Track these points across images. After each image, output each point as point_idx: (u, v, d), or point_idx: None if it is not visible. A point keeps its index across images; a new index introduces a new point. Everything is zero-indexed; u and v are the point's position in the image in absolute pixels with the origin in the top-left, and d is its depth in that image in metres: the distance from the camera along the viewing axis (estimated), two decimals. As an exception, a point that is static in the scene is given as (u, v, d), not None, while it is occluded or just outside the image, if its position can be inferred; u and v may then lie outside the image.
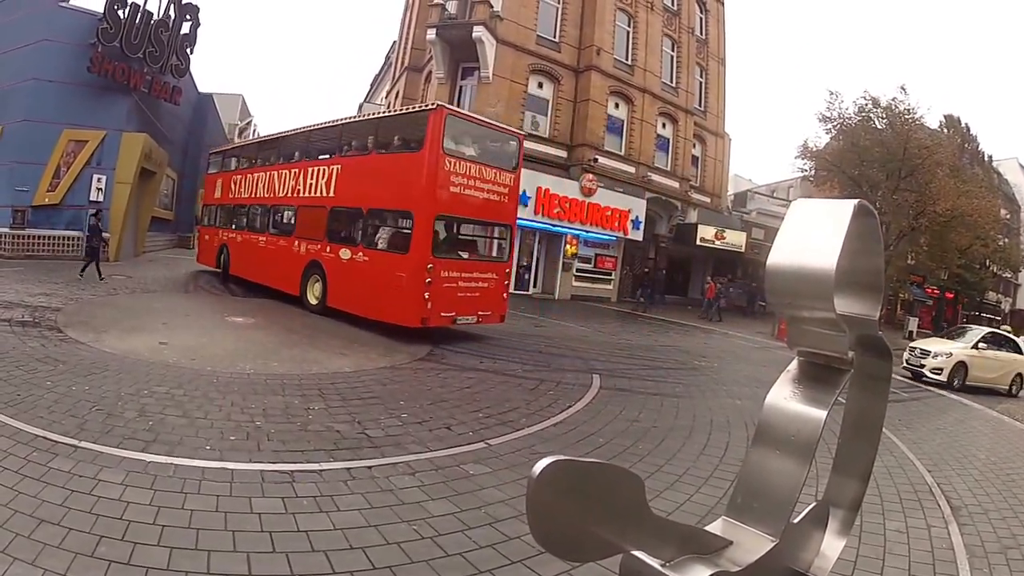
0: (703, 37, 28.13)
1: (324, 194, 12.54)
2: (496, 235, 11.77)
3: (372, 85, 42.31)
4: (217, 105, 34.22)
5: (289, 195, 13.90)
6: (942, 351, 14.22)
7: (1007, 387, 14.70)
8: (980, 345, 14.63)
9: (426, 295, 9.89)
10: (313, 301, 12.14)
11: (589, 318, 17.48)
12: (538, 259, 22.09)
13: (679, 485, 4.72)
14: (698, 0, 28.17)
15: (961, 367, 13.91)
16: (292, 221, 13.78)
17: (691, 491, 4.62)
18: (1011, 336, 17.03)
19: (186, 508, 3.67)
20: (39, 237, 19.68)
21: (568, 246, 21.98)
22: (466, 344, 10.30)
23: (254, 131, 44.20)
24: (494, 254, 11.70)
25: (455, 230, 11.22)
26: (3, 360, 6.88)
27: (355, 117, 14.87)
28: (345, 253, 11.50)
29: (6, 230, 19.55)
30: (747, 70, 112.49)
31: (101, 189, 19.93)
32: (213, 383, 6.44)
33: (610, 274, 23.27)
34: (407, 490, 4.17)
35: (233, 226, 17.30)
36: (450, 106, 11.20)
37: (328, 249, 11.95)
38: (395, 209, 10.92)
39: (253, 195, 16.19)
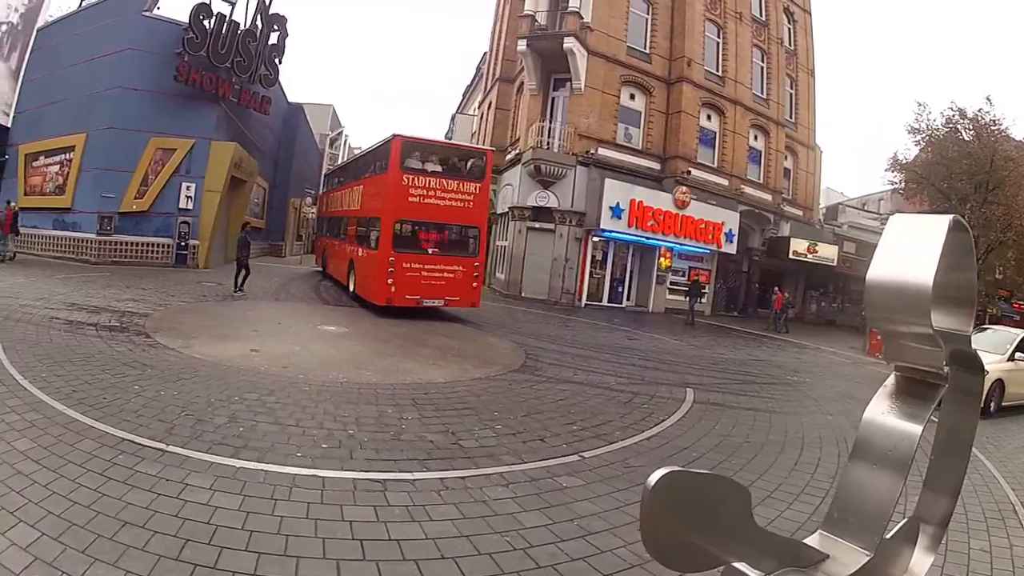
0: (792, 48, 27.19)
1: (355, 207, 16.20)
2: (463, 235, 13.87)
3: (464, 96, 42.16)
4: (308, 115, 34.51)
5: (345, 208, 17.76)
6: None
7: None
8: (1017, 356, 11.03)
9: (389, 281, 12.65)
10: (351, 290, 15.28)
11: (682, 331, 16.97)
12: (632, 272, 21.25)
13: (770, 501, 4.60)
14: (786, 10, 27.30)
15: (998, 386, 10.28)
16: (345, 228, 17.23)
17: (782, 507, 4.50)
18: None
19: (276, 514, 3.63)
20: (126, 243, 19.66)
21: (662, 259, 21.09)
22: (561, 356, 10.23)
23: (345, 142, 44.93)
24: (460, 249, 13.75)
25: (417, 231, 13.36)
26: (89, 364, 6.84)
27: (368, 148, 17.78)
28: (360, 252, 14.89)
29: (92, 236, 19.58)
30: (836, 80, 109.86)
31: (190, 197, 19.84)
32: (305, 391, 6.37)
33: (703, 287, 22.24)
34: (500, 501, 4.10)
35: (327, 234, 21.46)
36: (406, 134, 13.11)
37: (355, 249, 15.45)
38: (373, 216, 13.84)
39: (333, 209, 20.50)
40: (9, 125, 24.48)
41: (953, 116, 24.15)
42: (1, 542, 3.11)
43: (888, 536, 0.71)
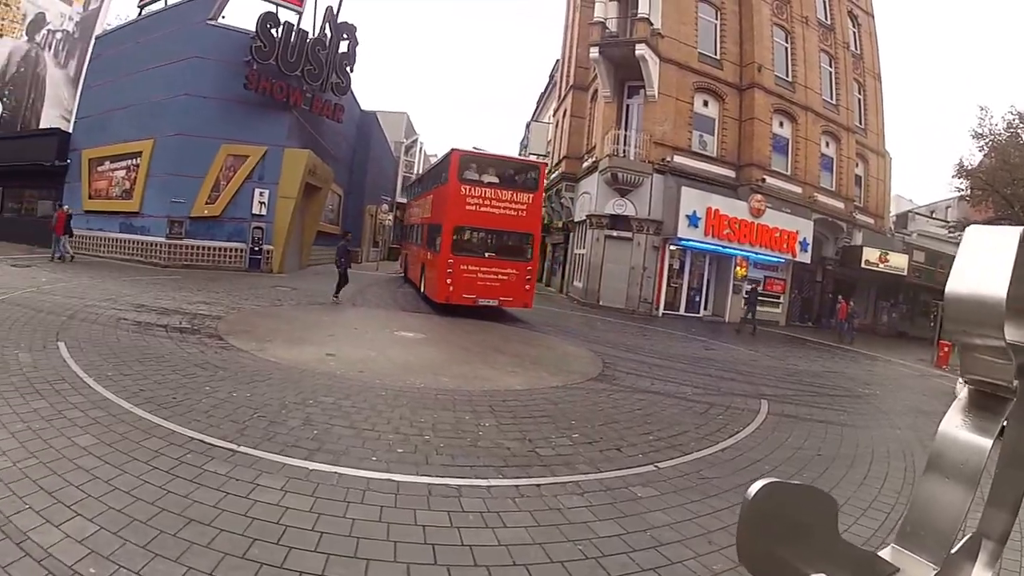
0: (858, 52, 26.61)
1: (426, 215, 17.28)
2: (517, 241, 14.76)
3: (538, 103, 41.97)
4: (381, 123, 34.70)
5: (419, 216, 19.05)
6: None
7: None
8: None
9: (448, 281, 13.86)
10: (422, 290, 16.70)
11: (757, 342, 16.66)
12: (708, 281, 20.84)
13: (839, 515, 3.93)
14: (850, 14, 26.74)
15: None
16: (419, 235, 18.39)
17: (850, 521, 4.42)
18: None
19: (348, 517, 3.62)
20: (197, 247, 19.71)
21: (738, 268, 20.65)
22: (638, 366, 10.21)
23: (420, 150, 45.05)
24: (515, 254, 14.61)
25: (475, 236, 14.51)
26: (159, 364, 6.87)
27: (434, 162, 20.03)
28: (428, 255, 15.91)
29: (162, 240, 19.63)
30: (900, 83, 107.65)
31: (264, 203, 19.84)
32: (381, 396, 6.36)
33: (779, 297, 21.80)
34: (574, 510, 4.07)
35: (406, 240, 23.14)
36: (463, 149, 14.59)
37: (424, 253, 16.66)
38: (437, 223, 14.94)
39: (411, 217, 22.30)
40: (70, 131, 24.75)
41: (1014, 120, 23.60)
42: (54, 534, 3.10)
43: (953, 551, 0.68)
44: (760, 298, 20.98)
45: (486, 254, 14.42)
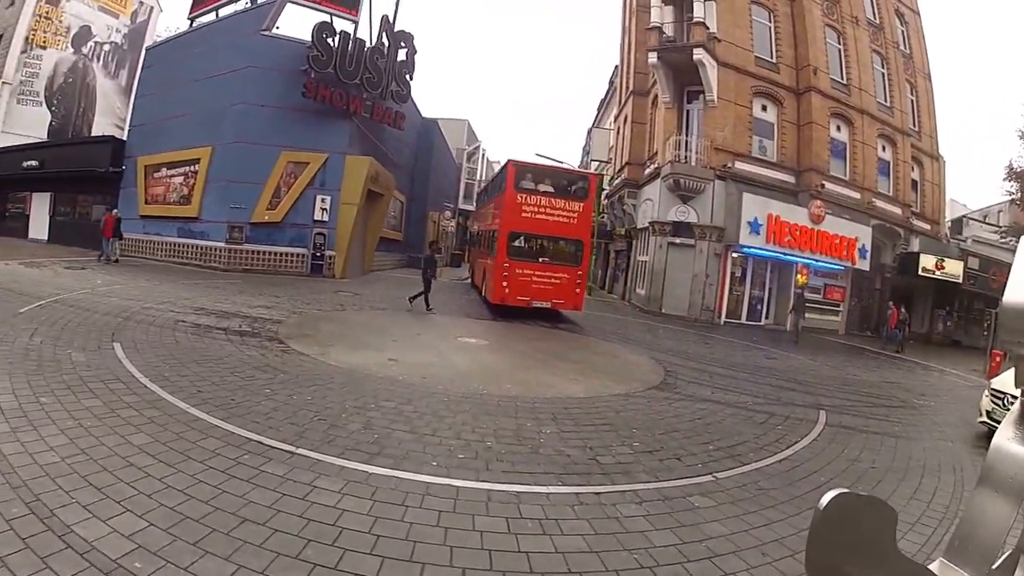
0: (907, 52, 26.25)
1: (487, 223, 18.33)
2: (568, 246, 15.59)
3: (599, 109, 41.95)
4: (443, 130, 34.92)
5: (483, 224, 20.04)
6: None
7: None
8: None
9: (504, 284, 14.78)
10: (483, 293, 17.71)
11: (817, 351, 16.43)
12: (770, 289, 20.66)
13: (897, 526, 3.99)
14: (896, 11, 26.39)
15: None
16: (483, 241, 19.27)
17: (898, 536, 3.55)
18: None
19: (405, 521, 3.62)
20: (257, 252, 19.92)
21: (799, 276, 20.45)
22: (700, 375, 10.21)
23: (482, 156, 45.25)
24: (567, 259, 15.47)
25: (529, 242, 15.44)
26: (218, 366, 6.87)
27: (494, 173, 21.32)
28: (488, 260, 16.87)
29: (221, 244, 19.86)
30: (948, 83, 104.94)
31: (326, 209, 20.03)
32: (443, 401, 6.37)
33: (838, 305, 21.57)
34: (632, 519, 4.07)
35: (474, 247, 24.51)
36: (518, 160, 15.47)
37: (486, 258, 17.50)
38: (495, 229, 15.92)
39: (477, 225, 23.83)
40: (124, 138, 25.11)
41: None
42: (100, 528, 3.10)
43: (994, 567, 0.66)
44: (819, 306, 20.81)
45: (540, 259, 15.33)
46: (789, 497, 4.74)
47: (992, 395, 8.06)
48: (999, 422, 5.11)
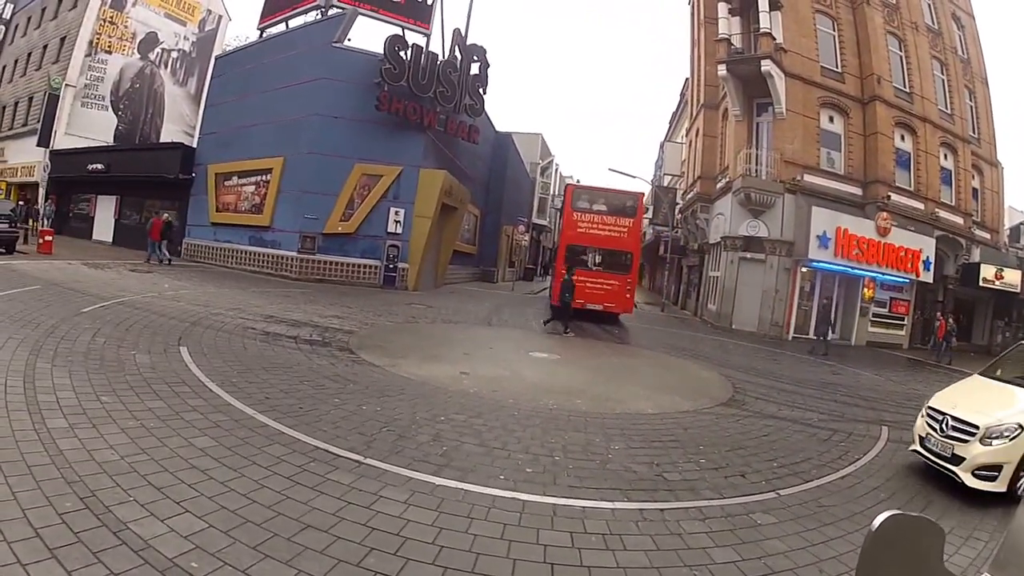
0: (965, 57, 26.05)
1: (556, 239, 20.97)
2: (619, 257, 17.79)
3: (671, 123, 42.10)
4: (517, 144, 35.06)
5: (553, 241, 23.93)
6: (1001, 422, 5.53)
7: None
8: None
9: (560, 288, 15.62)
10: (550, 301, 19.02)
11: (882, 366, 16.58)
12: (837, 304, 20.88)
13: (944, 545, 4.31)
14: (953, 16, 26.15)
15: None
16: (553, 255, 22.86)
17: (952, 551, 4.36)
18: None
19: (470, 532, 3.63)
20: (330, 263, 20.45)
21: (866, 289, 20.60)
22: (768, 391, 10.23)
23: (556, 171, 45.50)
24: (618, 268, 17.66)
25: (584, 253, 17.81)
26: (287, 374, 6.89)
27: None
28: (552, 270, 19.45)
29: (293, 254, 20.42)
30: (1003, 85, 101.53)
31: (399, 222, 20.47)
32: (513, 415, 6.38)
33: (903, 319, 21.73)
34: (695, 535, 4.08)
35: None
36: (576, 183, 19.24)
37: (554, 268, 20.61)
38: (558, 243, 19.23)
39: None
40: (194, 145, 25.77)
41: None
42: (158, 527, 3.10)
43: None
44: (885, 320, 20.99)
45: (593, 267, 17.67)
46: (849, 514, 4.79)
47: (929, 415, 6.19)
48: (933, 452, 5.86)
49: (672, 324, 20.82)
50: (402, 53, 20.01)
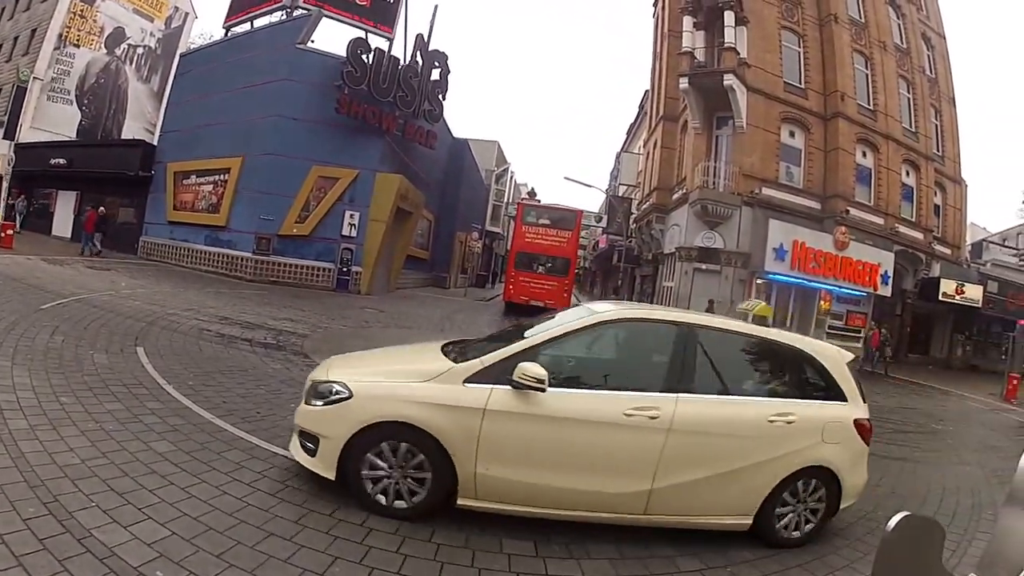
0: (933, 76, 26.28)
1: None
2: (558, 263, 22.24)
3: (628, 134, 42.20)
4: (473, 151, 35.11)
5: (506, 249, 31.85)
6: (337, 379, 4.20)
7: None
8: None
9: (511, 287, 21.85)
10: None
11: None
12: (792, 316, 20.86)
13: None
14: (923, 35, 26.39)
15: None
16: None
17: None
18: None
19: (433, 542, 3.61)
20: (284, 264, 20.19)
21: (822, 302, 20.61)
22: None
23: (511, 179, 45.42)
24: (557, 272, 22.08)
25: (529, 258, 22.06)
26: (243, 378, 6.85)
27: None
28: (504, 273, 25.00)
29: (248, 255, 20.12)
30: (969, 105, 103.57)
31: (354, 225, 20.26)
32: None
33: (859, 331, 21.70)
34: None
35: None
36: (525, 201, 25.08)
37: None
38: (509, 250, 24.05)
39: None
40: (155, 143, 25.42)
41: None
42: (121, 534, 3.08)
43: None
44: (841, 333, 20.99)
45: (538, 270, 21.68)
46: None
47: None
48: None
49: (627, 334, 20.63)
50: (364, 56, 19.88)
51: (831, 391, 4.31)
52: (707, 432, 3.82)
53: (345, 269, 20.24)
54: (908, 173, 23.75)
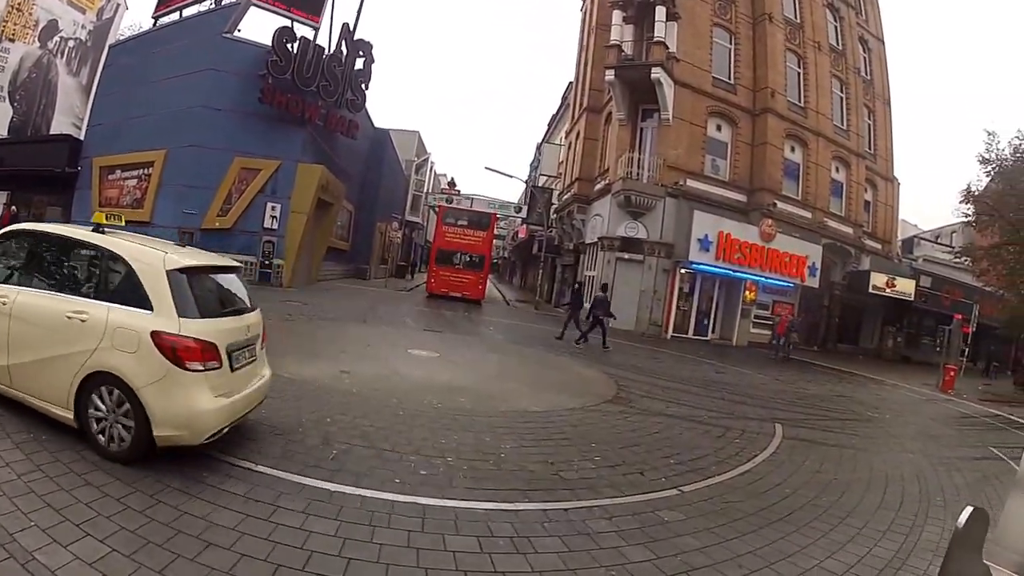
0: (868, 78, 26.79)
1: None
2: (475, 259, 24.31)
3: (550, 125, 42.15)
4: (394, 141, 34.80)
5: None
6: None
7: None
8: None
9: (432, 280, 24.21)
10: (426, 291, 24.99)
11: (765, 366, 16.62)
12: (717, 304, 20.88)
13: (859, 538, 4.60)
14: (861, 39, 26.92)
15: None
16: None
17: (871, 544, 4.52)
18: None
19: (375, 542, 3.54)
20: (207, 261, 19.59)
21: (747, 292, 20.69)
22: (651, 388, 10.27)
23: (431, 169, 45.14)
24: (474, 266, 24.22)
25: (449, 254, 24.04)
26: None
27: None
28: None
29: (171, 251, 19.55)
30: (906, 108, 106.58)
31: (275, 217, 19.84)
32: (399, 415, 6.24)
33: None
34: (604, 535, 4.05)
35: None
36: (445, 204, 28.33)
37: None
38: (432, 246, 25.97)
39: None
40: (82, 138, 24.76)
41: (1020, 145, 23.53)
42: (62, 555, 2.94)
43: None
44: (766, 322, 21.09)
45: (456, 264, 23.85)
46: (756, 509, 4.84)
47: None
48: None
49: (547, 322, 20.44)
50: (290, 46, 19.60)
51: (136, 298, 4.12)
52: (26, 320, 4.28)
53: (267, 262, 19.77)
54: (838, 169, 24.08)
